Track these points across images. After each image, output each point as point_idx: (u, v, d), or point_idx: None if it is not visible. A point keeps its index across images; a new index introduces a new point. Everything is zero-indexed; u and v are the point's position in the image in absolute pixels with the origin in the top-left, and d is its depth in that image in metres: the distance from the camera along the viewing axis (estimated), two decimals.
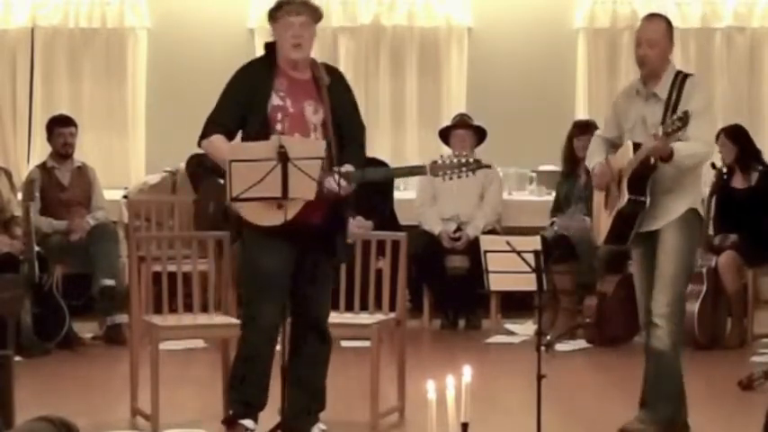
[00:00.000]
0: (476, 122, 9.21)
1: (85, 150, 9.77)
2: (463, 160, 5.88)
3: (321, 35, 10.36)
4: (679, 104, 5.67)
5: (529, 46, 10.21)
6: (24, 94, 10.21)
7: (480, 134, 9.18)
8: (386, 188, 9.10)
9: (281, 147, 5.35)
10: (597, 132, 6.22)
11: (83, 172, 8.92)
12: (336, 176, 5.52)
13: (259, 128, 5.64)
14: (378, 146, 10.04)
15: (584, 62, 10.31)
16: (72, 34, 10.25)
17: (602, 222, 5.93)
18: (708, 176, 8.55)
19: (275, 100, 5.70)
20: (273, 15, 5.75)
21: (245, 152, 5.43)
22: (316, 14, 5.77)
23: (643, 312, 5.90)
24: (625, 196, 5.65)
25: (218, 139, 5.70)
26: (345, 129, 5.75)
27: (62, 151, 8.82)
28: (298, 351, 5.79)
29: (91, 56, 10.28)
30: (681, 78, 5.77)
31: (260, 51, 9.89)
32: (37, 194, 8.44)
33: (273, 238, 5.57)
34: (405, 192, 9.74)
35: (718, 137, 8.61)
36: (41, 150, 9.57)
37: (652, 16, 6.06)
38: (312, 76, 5.77)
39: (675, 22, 10.22)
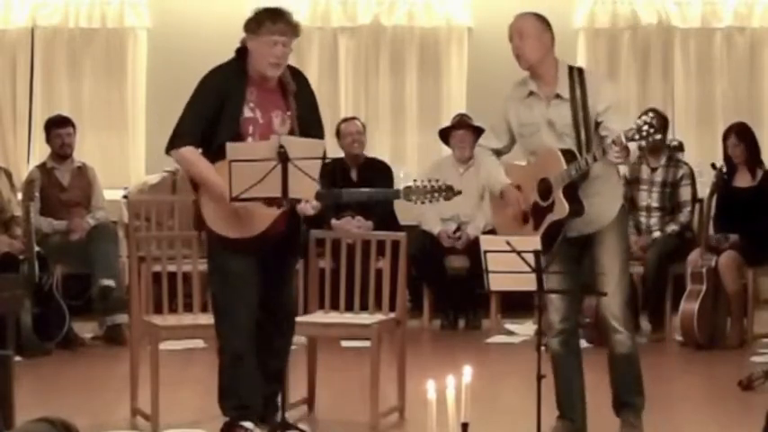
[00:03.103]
0: (476, 122, 9.21)
1: (85, 150, 9.77)
2: (436, 186, 5.93)
3: (321, 35, 10.42)
4: (588, 101, 5.52)
5: None
6: (24, 94, 10.20)
7: (480, 134, 9.15)
8: (386, 187, 9.08)
9: (281, 147, 5.33)
10: (482, 143, 6.00)
11: (83, 172, 8.93)
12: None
13: (230, 139, 5.52)
14: (378, 146, 10.04)
15: (583, 62, 10.25)
16: (72, 34, 10.24)
17: (518, 233, 5.70)
18: (709, 176, 8.56)
19: (246, 112, 5.62)
20: (254, 29, 5.60)
21: (245, 152, 5.42)
22: (296, 32, 5.64)
23: (558, 318, 5.82)
24: (565, 207, 5.52)
25: (188, 152, 5.61)
26: (311, 135, 5.62)
27: (60, 152, 8.83)
28: (269, 345, 5.78)
29: (91, 56, 10.27)
30: (577, 74, 5.59)
31: None
32: (37, 194, 8.44)
33: (239, 244, 5.59)
34: None
35: (727, 135, 8.60)
36: (41, 150, 9.56)
37: (521, 14, 5.83)
38: (279, 82, 5.68)
39: (675, 22, 10.36)
